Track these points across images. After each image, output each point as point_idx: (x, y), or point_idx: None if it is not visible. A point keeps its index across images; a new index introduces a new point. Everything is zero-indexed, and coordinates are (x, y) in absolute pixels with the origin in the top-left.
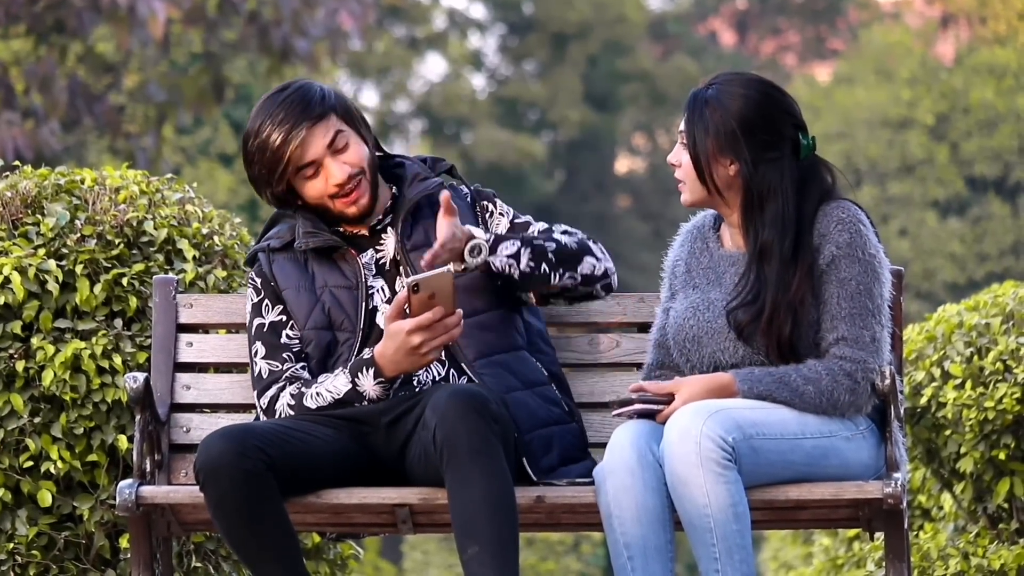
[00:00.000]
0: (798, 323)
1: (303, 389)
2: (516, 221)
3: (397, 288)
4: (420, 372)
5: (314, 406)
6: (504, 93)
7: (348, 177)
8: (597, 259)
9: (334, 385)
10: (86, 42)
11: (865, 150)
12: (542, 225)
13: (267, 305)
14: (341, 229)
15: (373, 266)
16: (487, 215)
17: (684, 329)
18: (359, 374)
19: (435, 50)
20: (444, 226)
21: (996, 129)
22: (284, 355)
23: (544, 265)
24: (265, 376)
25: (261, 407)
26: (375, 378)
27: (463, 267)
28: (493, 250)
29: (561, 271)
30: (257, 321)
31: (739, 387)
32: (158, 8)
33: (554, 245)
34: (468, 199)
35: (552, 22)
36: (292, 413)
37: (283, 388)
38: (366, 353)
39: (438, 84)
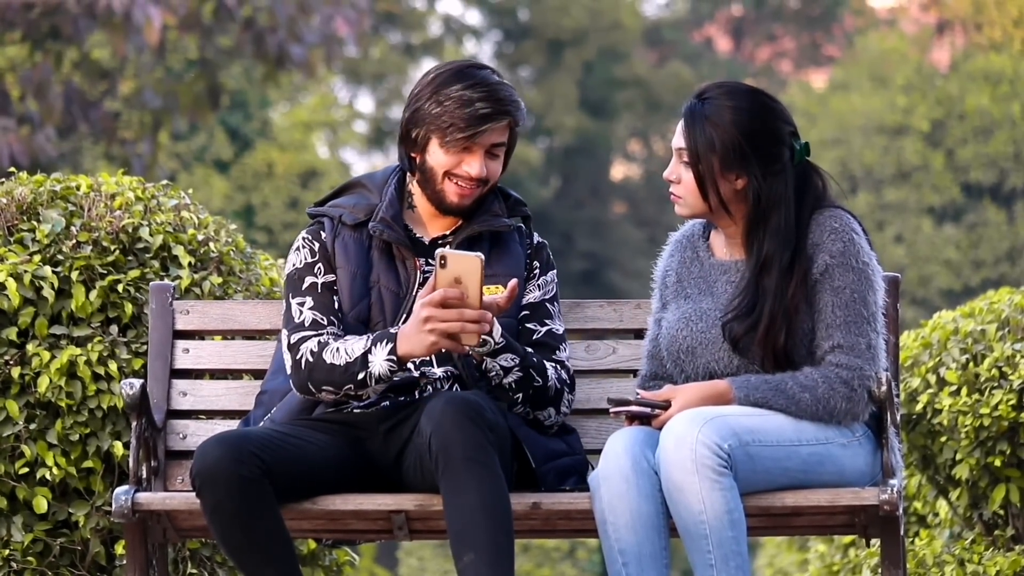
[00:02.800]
0: (792, 332)
1: (331, 341)
2: (545, 303)
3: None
4: (423, 382)
5: (328, 360)
6: None
7: (479, 179)
8: (557, 413)
9: (352, 347)
10: (82, 48)
11: (861, 156)
12: (557, 328)
13: (320, 268)
14: (410, 225)
15: (421, 276)
16: (531, 275)
17: (677, 340)
18: (377, 344)
19: (431, 56)
20: (494, 305)
21: (992, 136)
22: (332, 317)
23: (520, 394)
24: (308, 324)
25: (288, 342)
26: (389, 353)
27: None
28: (495, 354)
29: (525, 406)
30: (309, 279)
31: (735, 394)
32: (154, 14)
33: (540, 383)
34: (527, 249)
35: (547, 29)
36: (311, 360)
37: (316, 336)
38: (393, 328)
39: None
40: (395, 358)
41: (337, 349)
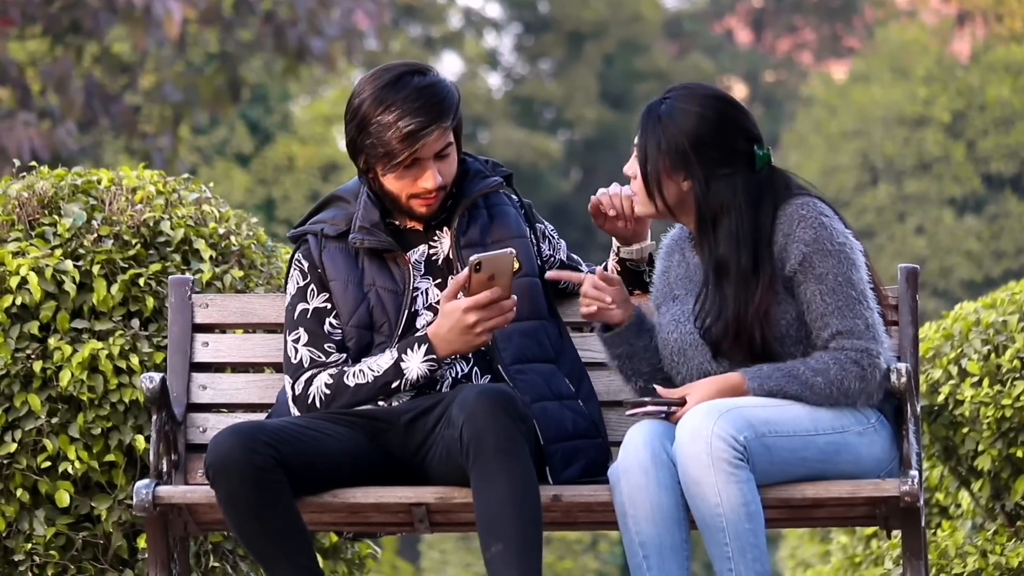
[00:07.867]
0: (768, 331)
1: (344, 368)
2: (569, 255)
3: (450, 282)
4: (444, 370)
5: (352, 383)
6: (520, 92)
7: (437, 187)
8: None
9: (377, 363)
10: (102, 42)
11: (881, 148)
12: (586, 266)
13: (312, 291)
14: (396, 222)
15: (423, 264)
16: (542, 236)
17: (669, 343)
18: (407, 351)
19: (451, 49)
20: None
21: (1013, 126)
22: (327, 345)
23: None
24: (306, 364)
25: (294, 392)
26: (426, 355)
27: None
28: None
29: None
30: (301, 306)
31: (749, 385)
32: (174, 8)
33: None
34: (522, 210)
35: (568, 21)
36: (328, 392)
37: (322, 371)
38: (417, 334)
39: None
40: (434, 357)
41: (357, 371)
